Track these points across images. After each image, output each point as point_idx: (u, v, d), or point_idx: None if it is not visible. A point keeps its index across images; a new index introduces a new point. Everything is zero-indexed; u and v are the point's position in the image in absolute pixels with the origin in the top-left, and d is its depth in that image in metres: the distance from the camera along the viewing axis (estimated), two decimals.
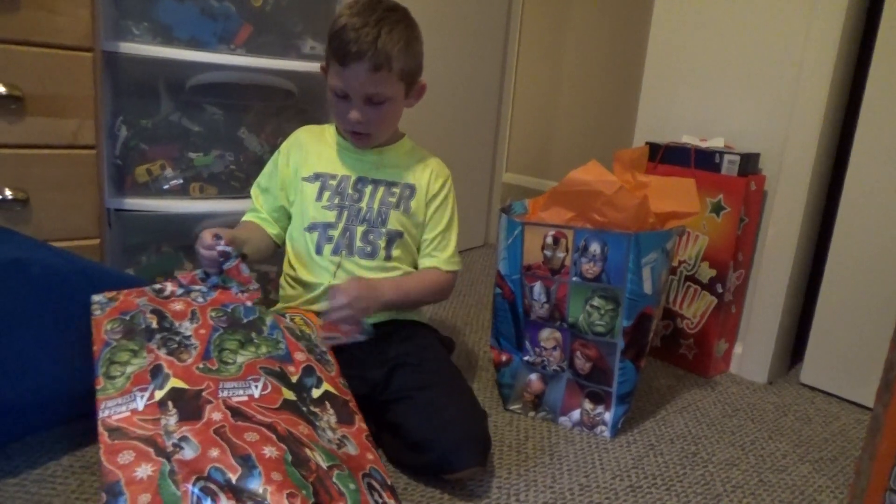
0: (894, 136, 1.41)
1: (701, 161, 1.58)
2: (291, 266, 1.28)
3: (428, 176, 1.28)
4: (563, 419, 1.33)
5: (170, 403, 0.82)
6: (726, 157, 1.54)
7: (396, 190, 1.25)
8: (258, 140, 1.74)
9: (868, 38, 1.49)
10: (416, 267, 1.30)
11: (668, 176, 1.45)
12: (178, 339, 0.93)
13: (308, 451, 0.80)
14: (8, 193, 1.28)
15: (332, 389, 0.96)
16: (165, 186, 1.61)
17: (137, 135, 1.56)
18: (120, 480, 0.72)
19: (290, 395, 0.90)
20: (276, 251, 1.33)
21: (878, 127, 1.43)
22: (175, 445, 0.76)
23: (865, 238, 1.47)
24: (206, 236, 1.05)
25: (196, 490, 0.71)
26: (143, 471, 0.73)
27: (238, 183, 1.72)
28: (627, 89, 3.51)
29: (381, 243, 1.23)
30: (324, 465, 0.80)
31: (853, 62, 1.53)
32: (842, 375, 1.55)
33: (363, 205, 1.23)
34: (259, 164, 1.75)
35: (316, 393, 0.94)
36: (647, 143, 1.66)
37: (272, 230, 1.30)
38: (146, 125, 1.58)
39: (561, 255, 1.26)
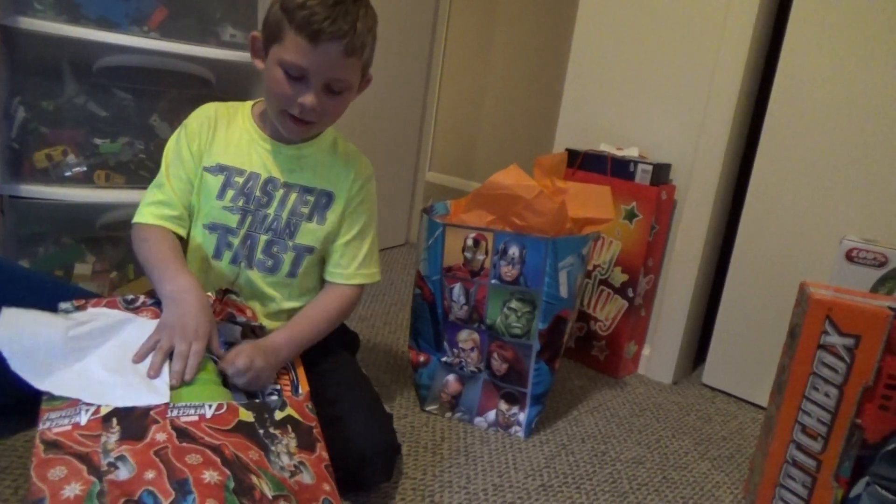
0: (794, 150, 1.51)
1: (617, 169, 1.63)
2: (189, 261, 1.10)
3: (350, 180, 1.12)
4: (479, 420, 1.34)
5: (114, 420, 0.76)
6: (640, 167, 1.60)
7: (311, 198, 1.09)
8: (171, 128, 1.67)
9: (772, 60, 1.59)
10: (322, 281, 1.16)
11: (585, 182, 1.49)
12: None
13: (254, 479, 0.76)
14: None
15: (295, 414, 0.90)
16: (67, 173, 1.51)
17: (37, 117, 1.46)
18: (45, 498, 0.67)
19: (247, 416, 0.84)
20: None
21: (779, 144, 1.53)
22: (110, 465, 0.71)
23: (765, 248, 1.57)
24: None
25: None
26: (71, 489, 0.68)
27: (147, 172, 1.63)
28: (550, 96, 3.60)
29: (286, 259, 1.09)
30: (269, 494, 0.75)
31: (758, 82, 1.63)
32: (740, 377, 1.65)
33: (270, 211, 1.07)
34: None
35: (279, 415, 0.88)
36: (566, 150, 1.71)
37: (184, 232, 1.09)
38: (47, 107, 1.47)
39: (481, 257, 1.27)
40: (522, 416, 1.31)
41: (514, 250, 1.25)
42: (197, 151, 1.07)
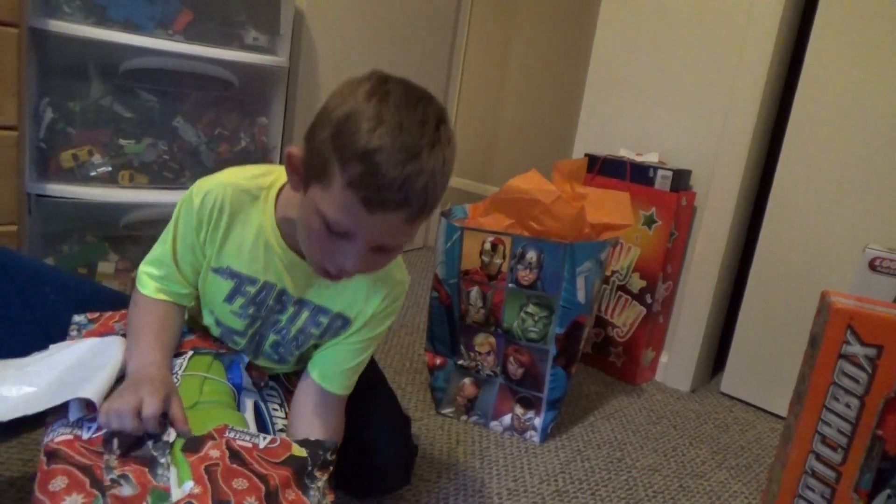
0: (817, 158, 1.49)
1: (636, 175, 1.63)
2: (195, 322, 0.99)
3: (374, 306, 0.91)
4: (494, 424, 1.34)
5: (115, 441, 0.75)
6: (660, 173, 1.59)
7: (324, 320, 0.91)
8: (194, 130, 1.69)
9: (795, 65, 1.57)
10: None
11: (604, 188, 1.48)
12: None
13: None
14: None
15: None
16: (92, 173, 1.54)
17: (64, 118, 1.49)
18: None
19: (300, 452, 0.83)
20: None
21: (802, 150, 1.51)
22: (113, 481, 0.70)
23: (786, 256, 1.55)
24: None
25: None
26: (73, 500, 0.67)
27: (171, 173, 1.66)
28: (569, 101, 3.59)
29: (292, 358, 0.97)
30: None
31: (781, 88, 1.62)
32: (759, 386, 1.63)
33: (282, 318, 0.92)
34: (195, 155, 1.70)
35: (330, 456, 0.86)
36: (585, 155, 1.70)
37: (188, 303, 0.94)
38: (74, 108, 1.50)
39: (498, 261, 1.27)
40: (538, 421, 1.31)
41: (531, 255, 1.25)
42: (203, 241, 0.88)
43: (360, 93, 0.70)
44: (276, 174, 0.88)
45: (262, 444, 0.82)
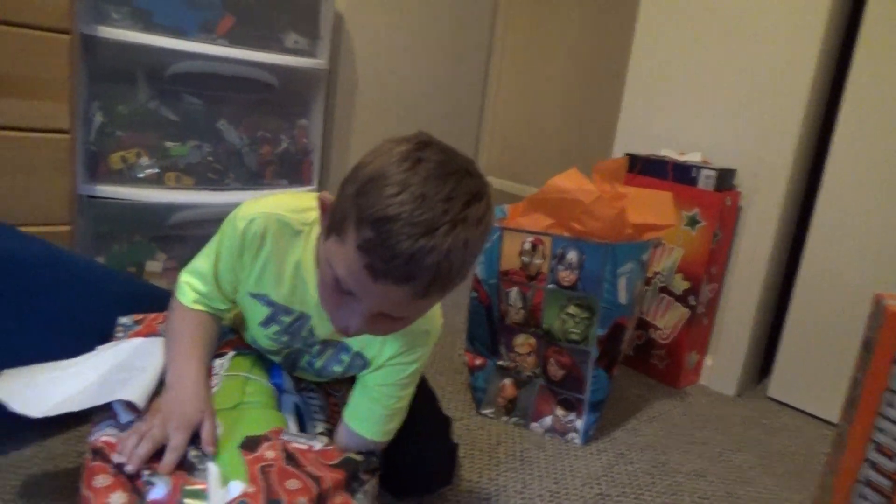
0: (867, 157, 1.44)
1: (678, 174, 1.60)
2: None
3: (390, 354, 0.89)
4: (534, 425, 1.33)
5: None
6: (703, 172, 1.56)
7: (346, 358, 0.92)
8: (237, 132, 1.72)
9: (843, 61, 1.52)
10: None
11: (645, 188, 1.46)
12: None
13: None
14: None
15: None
16: (140, 175, 1.58)
17: (113, 121, 1.53)
18: None
19: (356, 455, 0.86)
20: None
21: (852, 148, 1.47)
22: (147, 483, 0.71)
23: (836, 257, 1.50)
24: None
25: None
26: (117, 498, 0.69)
27: (215, 174, 1.69)
28: (609, 99, 3.55)
29: (324, 380, 0.99)
30: None
31: (829, 84, 1.57)
32: (808, 391, 1.58)
33: (313, 350, 0.93)
34: (237, 156, 1.73)
35: (374, 462, 0.89)
36: (626, 155, 1.68)
37: (224, 315, 0.96)
38: (123, 112, 1.54)
39: (538, 261, 1.26)
40: (579, 423, 1.29)
41: (572, 255, 1.23)
42: (243, 265, 0.86)
43: (394, 153, 0.68)
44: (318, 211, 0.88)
45: (317, 447, 0.83)
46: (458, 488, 1.09)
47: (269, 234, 0.84)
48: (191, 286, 0.90)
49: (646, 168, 1.65)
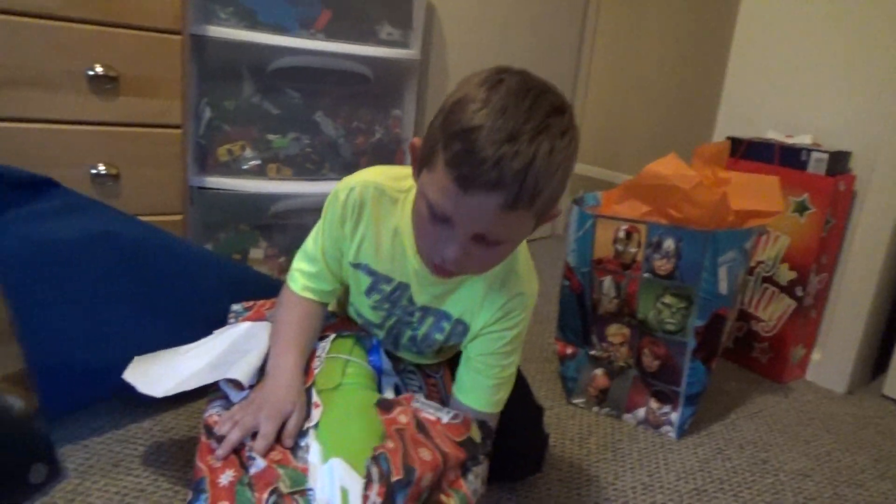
0: None
1: (786, 158, 1.51)
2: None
3: (489, 315, 0.89)
4: (627, 416, 1.31)
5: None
6: (813, 155, 1.47)
7: (447, 325, 0.92)
8: (333, 124, 1.78)
9: None
10: None
11: (749, 172, 1.39)
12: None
13: (444, 498, 0.78)
14: (101, 168, 1.35)
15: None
16: (244, 166, 1.66)
17: (220, 116, 1.62)
18: (204, 478, 0.74)
19: (477, 435, 0.85)
20: None
21: None
22: (249, 458, 0.75)
23: None
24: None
25: (271, 500, 0.71)
26: (227, 476, 0.74)
27: (312, 165, 1.76)
28: (707, 81, 3.39)
29: (430, 352, 0.98)
30: None
31: None
32: None
33: (414, 320, 0.93)
34: (334, 147, 1.79)
35: (488, 446, 0.90)
36: (728, 138, 1.60)
37: (331, 300, 1.00)
38: (229, 107, 1.63)
39: (633, 249, 1.23)
40: (675, 416, 1.26)
41: (668, 243, 1.20)
42: (345, 234, 0.90)
43: (474, 81, 0.72)
44: None
45: (445, 419, 0.84)
46: (549, 477, 1.09)
47: (367, 200, 0.87)
48: (300, 271, 0.94)
49: (750, 152, 1.57)
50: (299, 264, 0.95)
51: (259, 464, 0.75)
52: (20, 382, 0.87)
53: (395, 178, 0.89)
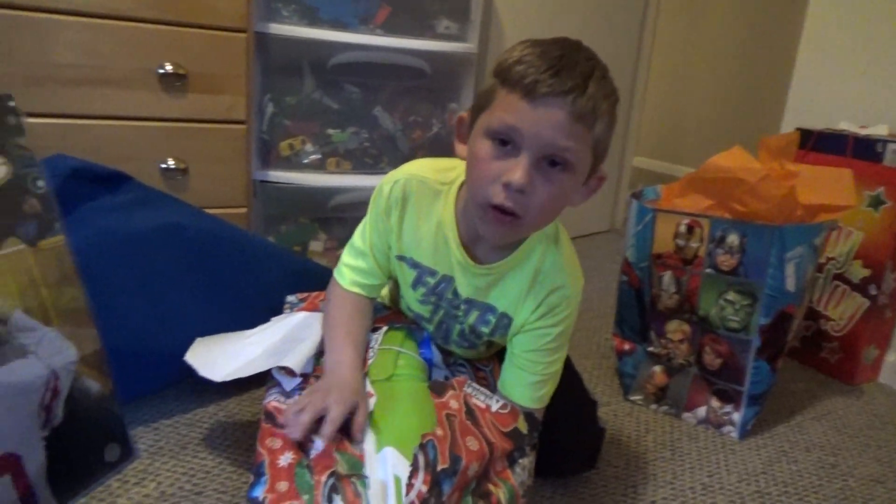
0: None
1: (860, 150, 1.44)
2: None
3: (532, 307, 0.89)
4: (687, 415, 1.28)
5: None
6: (890, 146, 1.40)
7: (492, 318, 0.92)
8: (391, 118, 1.80)
9: None
10: None
11: (820, 165, 1.33)
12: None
13: (492, 487, 0.78)
14: (171, 163, 1.41)
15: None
16: (305, 161, 1.70)
17: (282, 111, 1.66)
18: (264, 462, 0.76)
19: (524, 427, 0.86)
20: None
21: None
22: (309, 440, 0.77)
23: None
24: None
25: (329, 482, 0.72)
26: (286, 458, 0.75)
27: (370, 159, 1.78)
28: (774, 69, 3.26)
29: (479, 344, 0.98)
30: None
31: None
32: None
33: (460, 313, 0.94)
34: (392, 141, 1.81)
35: (535, 438, 0.90)
36: (797, 129, 1.54)
37: (378, 293, 1.00)
38: (290, 102, 1.67)
39: (695, 244, 1.20)
40: (737, 416, 1.23)
41: (732, 238, 1.16)
42: (391, 226, 0.91)
43: (519, 45, 0.78)
44: (459, 169, 0.89)
45: (494, 408, 0.85)
46: (605, 474, 1.08)
47: (410, 192, 0.89)
48: (348, 266, 0.96)
49: (820, 143, 1.51)
50: (347, 259, 0.96)
51: (318, 446, 0.76)
52: (97, 367, 0.92)
53: (440, 171, 0.90)
